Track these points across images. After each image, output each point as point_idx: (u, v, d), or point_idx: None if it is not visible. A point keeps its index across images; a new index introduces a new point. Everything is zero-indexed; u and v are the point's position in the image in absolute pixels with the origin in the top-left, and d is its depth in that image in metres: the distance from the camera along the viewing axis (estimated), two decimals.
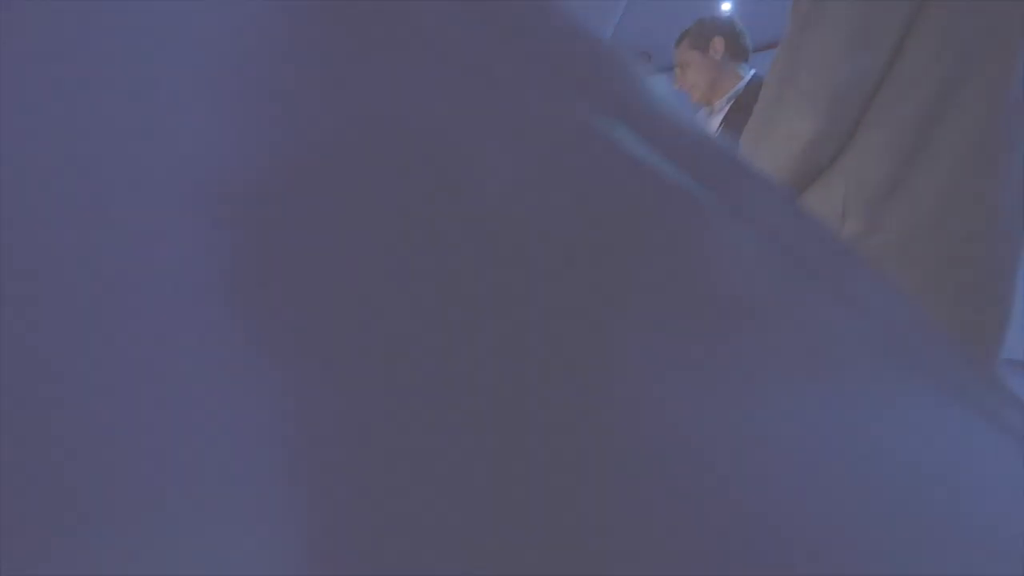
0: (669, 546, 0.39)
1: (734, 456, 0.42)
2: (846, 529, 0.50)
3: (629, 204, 0.39)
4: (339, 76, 0.30)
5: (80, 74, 0.24)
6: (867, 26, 1.14)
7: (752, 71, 2.44)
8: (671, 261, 0.40)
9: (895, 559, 0.53)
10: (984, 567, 0.62)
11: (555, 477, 0.35)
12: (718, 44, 2.41)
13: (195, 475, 0.26)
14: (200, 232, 0.27)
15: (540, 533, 0.34)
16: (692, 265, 0.41)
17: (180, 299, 0.26)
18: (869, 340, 0.51)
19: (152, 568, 0.25)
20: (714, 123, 2.37)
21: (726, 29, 2.43)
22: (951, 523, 0.60)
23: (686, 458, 0.40)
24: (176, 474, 0.26)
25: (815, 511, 0.47)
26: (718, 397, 0.42)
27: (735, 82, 2.41)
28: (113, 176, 0.25)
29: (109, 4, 0.25)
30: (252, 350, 0.28)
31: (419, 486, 0.31)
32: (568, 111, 0.37)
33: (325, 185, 0.30)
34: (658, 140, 0.40)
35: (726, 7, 4.45)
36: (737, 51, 2.45)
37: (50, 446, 0.23)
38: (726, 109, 2.36)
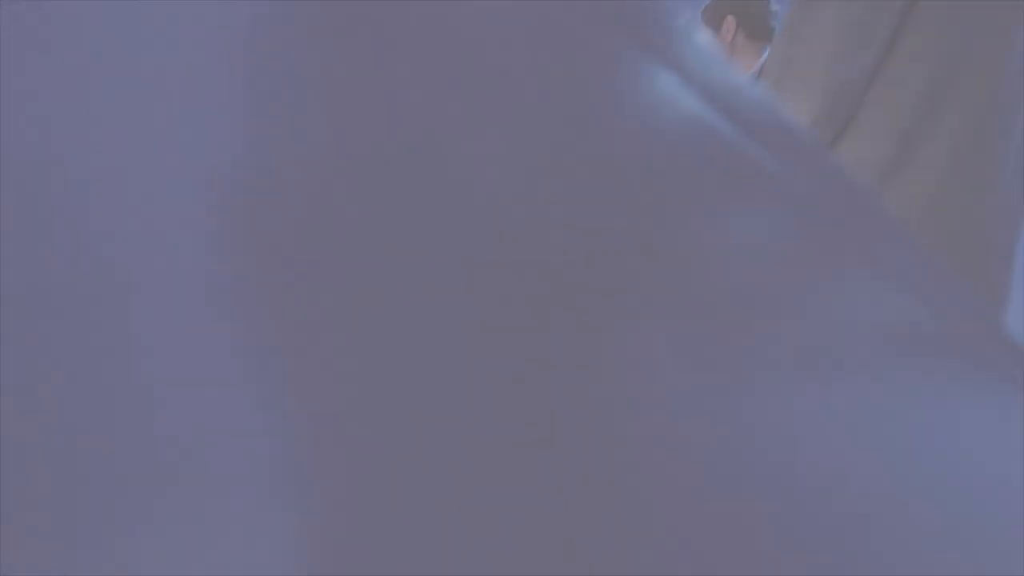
0: (676, 544, 0.38)
1: (760, 450, 0.41)
2: (882, 527, 0.48)
3: (678, 157, 0.38)
4: (346, 73, 0.30)
5: (85, 74, 0.25)
6: (863, 21, 1.15)
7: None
8: (710, 227, 0.39)
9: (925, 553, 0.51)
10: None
11: (559, 476, 0.34)
12: (730, 24, 2.37)
13: (195, 475, 0.26)
14: (201, 232, 0.27)
15: (544, 532, 0.34)
16: (729, 234, 0.40)
17: (181, 299, 0.26)
18: (909, 320, 0.48)
19: (152, 568, 0.25)
20: None
21: (740, 8, 2.39)
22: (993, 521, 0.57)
23: (698, 455, 0.39)
24: (176, 474, 0.26)
25: (841, 508, 0.45)
26: (741, 389, 0.40)
27: (752, 63, 2.37)
28: (116, 176, 0.25)
29: (115, 5, 0.25)
30: (253, 350, 0.28)
31: (419, 486, 0.31)
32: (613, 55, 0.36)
33: (331, 185, 0.30)
34: (703, 87, 0.39)
35: None
36: (756, 31, 2.41)
37: (50, 445, 0.23)
38: None
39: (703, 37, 0.40)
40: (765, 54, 2.38)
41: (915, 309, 0.50)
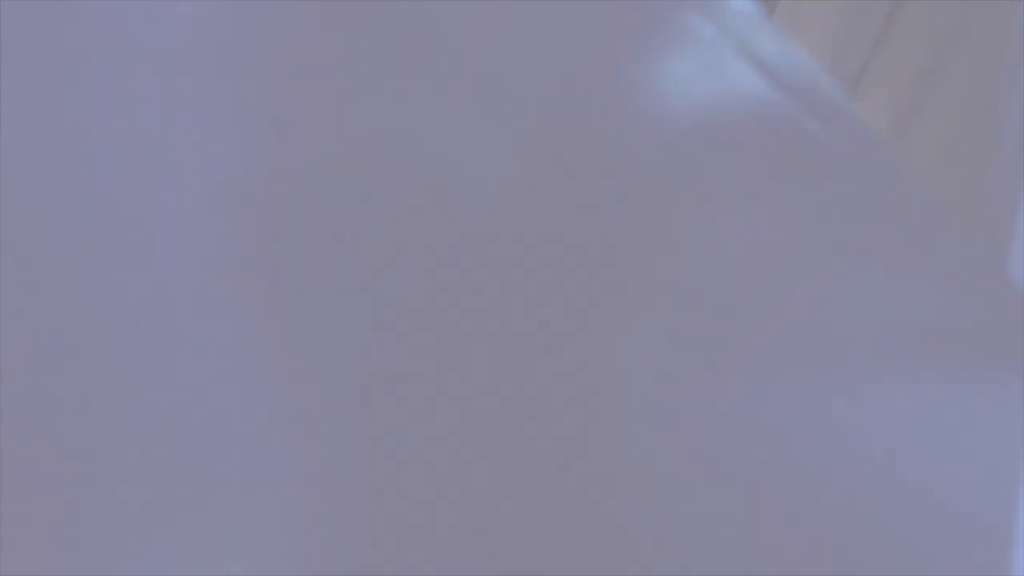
0: (672, 536, 0.38)
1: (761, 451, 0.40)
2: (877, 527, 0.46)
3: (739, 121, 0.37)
4: (354, 82, 0.30)
5: (96, 77, 0.25)
6: (850, 26, 1.15)
7: None
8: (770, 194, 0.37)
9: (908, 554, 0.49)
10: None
11: (556, 470, 0.34)
12: None
13: (201, 474, 0.26)
14: (206, 234, 0.27)
15: (544, 533, 0.34)
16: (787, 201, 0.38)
17: (188, 300, 0.26)
18: (933, 307, 0.46)
19: (156, 568, 0.25)
20: None
21: None
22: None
23: (699, 448, 0.38)
24: (183, 473, 0.26)
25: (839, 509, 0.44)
26: (745, 380, 0.40)
27: None
28: (127, 178, 0.25)
29: (129, 8, 0.25)
30: (256, 350, 0.28)
31: (422, 488, 0.31)
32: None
33: (335, 190, 0.30)
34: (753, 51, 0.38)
35: None
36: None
37: (58, 444, 0.23)
38: None
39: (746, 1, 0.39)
40: None
41: (940, 295, 0.48)
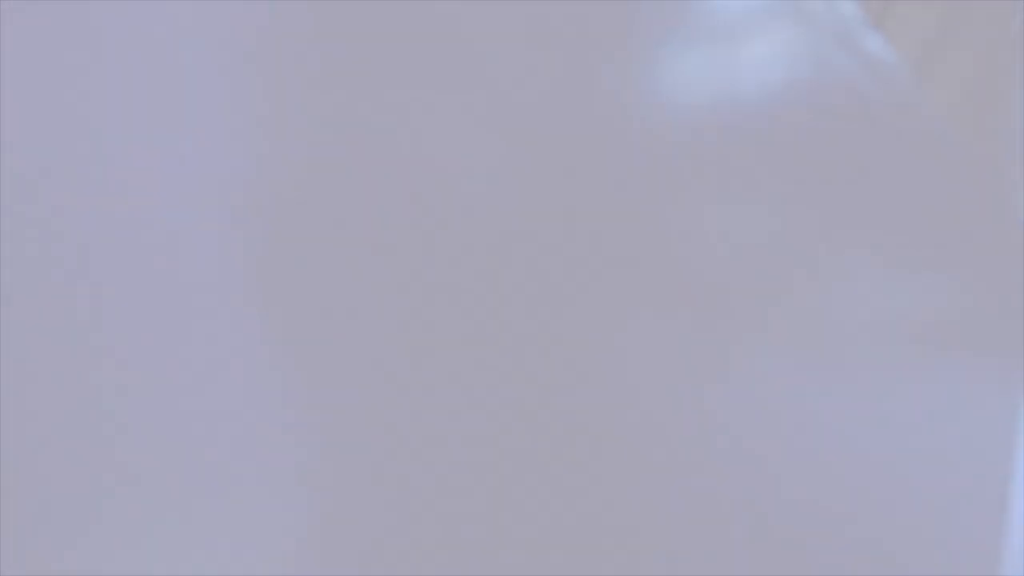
0: (667, 533, 0.38)
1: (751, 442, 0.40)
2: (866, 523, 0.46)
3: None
4: (355, 82, 0.30)
5: (112, 79, 0.25)
6: None
7: None
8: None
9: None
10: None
11: (558, 473, 0.34)
12: None
13: (209, 469, 0.26)
14: (219, 232, 0.27)
15: (542, 525, 0.34)
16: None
17: (194, 297, 0.27)
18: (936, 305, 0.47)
19: (162, 562, 0.25)
20: None
21: None
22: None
23: (689, 437, 0.39)
24: (191, 468, 0.26)
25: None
26: (739, 372, 0.40)
27: None
28: (139, 177, 0.26)
29: (144, 11, 0.26)
30: (265, 348, 0.28)
31: (427, 479, 0.31)
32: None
33: (337, 189, 0.30)
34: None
35: None
36: None
37: (66, 438, 0.24)
38: None
39: None
40: None
41: (957, 279, 0.48)
